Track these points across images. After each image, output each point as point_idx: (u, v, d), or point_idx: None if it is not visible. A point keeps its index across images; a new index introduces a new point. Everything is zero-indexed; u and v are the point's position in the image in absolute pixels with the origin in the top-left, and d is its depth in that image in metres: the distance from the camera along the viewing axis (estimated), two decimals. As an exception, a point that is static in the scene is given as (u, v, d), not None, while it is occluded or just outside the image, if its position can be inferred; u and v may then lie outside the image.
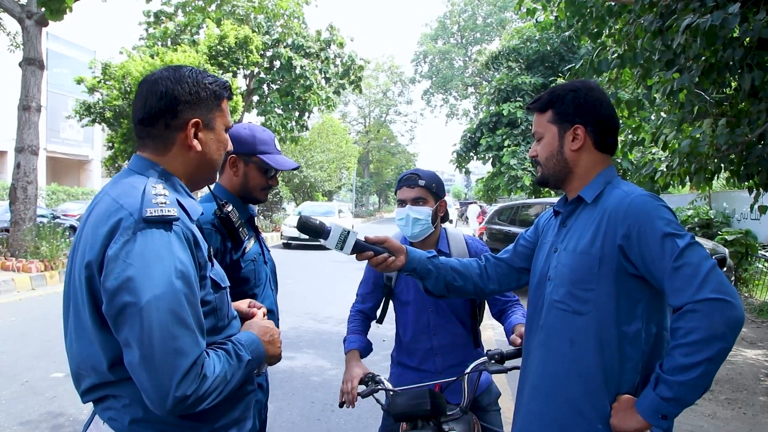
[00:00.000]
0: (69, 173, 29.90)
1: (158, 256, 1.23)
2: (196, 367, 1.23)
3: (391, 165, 59.99)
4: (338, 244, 1.74)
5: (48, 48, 22.76)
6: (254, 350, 1.43)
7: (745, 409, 4.72)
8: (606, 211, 1.59)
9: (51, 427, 4.15)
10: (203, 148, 1.45)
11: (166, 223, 1.27)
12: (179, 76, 1.43)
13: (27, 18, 11.13)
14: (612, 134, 1.71)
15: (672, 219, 1.51)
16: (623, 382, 1.55)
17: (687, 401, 1.44)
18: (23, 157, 10.99)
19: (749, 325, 7.82)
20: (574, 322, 1.61)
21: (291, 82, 20.39)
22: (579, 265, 1.61)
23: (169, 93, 1.40)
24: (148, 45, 20.29)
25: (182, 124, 1.42)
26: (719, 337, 1.37)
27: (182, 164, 1.45)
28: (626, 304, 1.55)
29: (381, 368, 5.60)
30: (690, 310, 1.40)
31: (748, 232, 10.28)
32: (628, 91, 7.16)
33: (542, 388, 1.69)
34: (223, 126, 1.51)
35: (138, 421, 1.32)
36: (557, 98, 1.71)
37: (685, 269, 1.43)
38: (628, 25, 5.53)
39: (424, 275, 1.88)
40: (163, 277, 1.22)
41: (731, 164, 5.29)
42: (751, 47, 4.25)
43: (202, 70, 1.49)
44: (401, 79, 58.94)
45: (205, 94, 1.45)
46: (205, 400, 1.26)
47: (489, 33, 48.95)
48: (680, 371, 1.40)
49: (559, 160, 1.71)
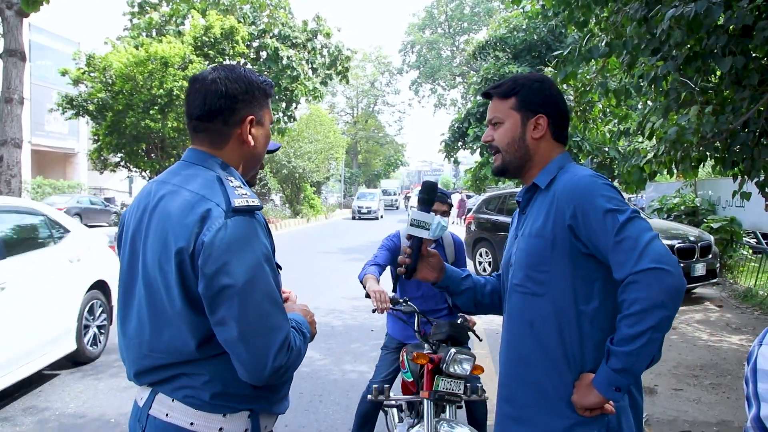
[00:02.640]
0: (55, 166, 29.60)
1: (249, 242, 1.37)
2: (287, 340, 1.40)
3: (380, 155, 59.92)
4: (433, 226, 1.81)
5: (31, 40, 22.48)
6: (307, 328, 1.57)
7: (729, 394, 4.78)
8: (556, 194, 1.63)
9: (36, 422, 4.13)
10: (255, 143, 1.57)
11: (251, 212, 1.41)
12: (236, 76, 1.53)
13: (7, 8, 10.95)
14: (566, 128, 1.79)
15: (614, 196, 1.55)
16: (586, 361, 1.59)
17: (636, 371, 1.49)
18: (6, 150, 10.85)
19: (733, 311, 7.91)
20: (534, 304, 1.65)
21: (278, 73, 20.23)
22: (534, 248, 1.65)
23: (229, 92, 1.50)
24: (133, 36, 20.07)
25: (239, 121, 1.53)
26: (660, 305, 1.42)
27: (237, 157, 1.57)
28: (582, 283, 1.59)
29: (370, 357, 5.63)
30: (631, 281, 1.45)
31: (733, 220, 10.37)
32: (615, 80, 7.16)
33: (508, 373, 1.74)
34: (269, 122, 1.63)
35: (218, 395, 1.43)
36: (522, 87, 1.73)
37: (625, 242, 1.47)
38: (614, 14, 5.52)
39: (455, 293, 1.94)
40: (255, 261, 1.36)
41: (716, 152, 5.32)
42: (735, 34, 4.27)
43: (252, 70, 1.61)
44: (389, 69, 58.76)
45: (258, 92, 1.55)
46: (290, 370, 1.43)
47: (476, 22, 48.88)
48: (627, 342, 1.45)
49: (521, 147, 1.73)
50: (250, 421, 1.48)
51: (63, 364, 5.32)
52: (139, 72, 15.34)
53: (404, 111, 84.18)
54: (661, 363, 5.55)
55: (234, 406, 1.45)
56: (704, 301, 8.56)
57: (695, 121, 4.87)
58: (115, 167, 18.12)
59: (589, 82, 6.96)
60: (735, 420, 4.23)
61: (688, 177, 5.90)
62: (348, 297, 8.46)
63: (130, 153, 16.74)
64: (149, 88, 15.34)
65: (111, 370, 5.15)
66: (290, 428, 4.10)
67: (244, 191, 1.43)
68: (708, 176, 13.27)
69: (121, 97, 15.59)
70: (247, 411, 1.47)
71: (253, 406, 1.49)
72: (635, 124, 6.68)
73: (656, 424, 4.16)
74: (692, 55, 4.69)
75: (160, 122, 15.38)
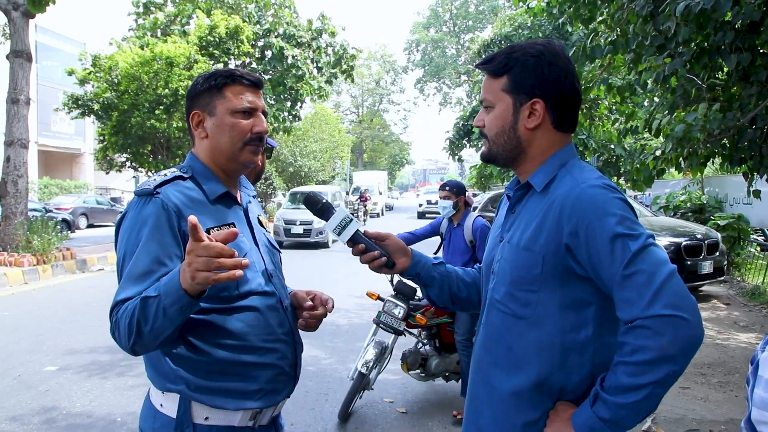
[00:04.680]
0: (61, 166, 29.73)
1: (133, 219, 1.50)
2: (114, 313, 1.42)
3: (385, 154, 59.92)
4: (337, 228, 1.66)
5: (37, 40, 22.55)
6: (164, 284, 1.34)
7: (736, 392, 4.75)
8: (554, 203, 1.36)
9: (44, 421, 4.14)
10: (210, 135, 1.61)
11: (145, 194, 1.50)
12: (196, 80, 1.65)
13: (13, 9, 11.00)
14: (574, 110, 1.46)
15: (626, 215, 1.29)
16: (567, 393, 1.37)
17: (625, 425, 1.27)
18: (13, 150, 10.91)
19: (741, 309, 7.86)
20: (514, 327, 1.42)
21: (283, 72, 20.24)
22: (521, 263, 1.40)
23: (186, 96, 1.68)
24: (138, 36, 20.11)
25: (190, 119, 1.64)
26: (669, 359, 1.19)
27: (203, 152, 1.64)
28: (574, 308, 1.36)
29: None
30: (640, 326, 1.21)
31: (740, 217, 10.32)
32: (620, 77, 7.13)
33: (478, 394, 1.53)
34: (226, 110, 1.59)
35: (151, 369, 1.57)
36: (516, 63, 1.43)
37: (636, 277, 1.23)
38: (620, 10, 5.50)
39: (428, 282, 1.70)
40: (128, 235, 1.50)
41: (724, 149, 5.29)
42: (742, 30, 4.24)
43: (213, 69, 1.69)
44: (394, 68, 58.76)
45: (204, 86, 1.61)
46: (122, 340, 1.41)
47: (481, 20, 48.81)
48: (621, 392, 1.23)
49: (511, 138, 1.45)
50: (180, 404, 1.49)
51: (68, 364, 5.34)
52: (144, 72, 15.36)
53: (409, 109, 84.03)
54: (669, 361, 5.53)
55: (164, 384, 1.51)
56: (712, 299, 8.51)
57: (702, 118, 4.85)
58: (120, 167, 18.16)
59: (594, 79, 6.94)
60: (743, 419, 4.20)
61: (694, 174, 5.85)
62: (354, 295, 8.45)
63: (135, 153, 16.76)
64: (154, 88, 15.36)
65: (117, 369, 5.16)
66: (296, 427, 4.10)
67: (155, 178, 1.54)
68: (715, 173, 13.20)
69: (126, 96, 15.62)
70: (176, 393, 1.49)
71: (176, 388, 1.49)
72: (642, 122, 6.65)
73: (664, 422, 4.14)
74: (699, 52, 4.67)
75: (166, 122, 15.40)
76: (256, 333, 1.54)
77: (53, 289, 9.32)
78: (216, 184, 1.60)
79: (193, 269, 1.25)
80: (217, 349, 1.50)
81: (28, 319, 7.04)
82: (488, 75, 1.49)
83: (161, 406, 1.52)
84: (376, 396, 4.70)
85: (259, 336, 1.55)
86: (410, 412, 4.45)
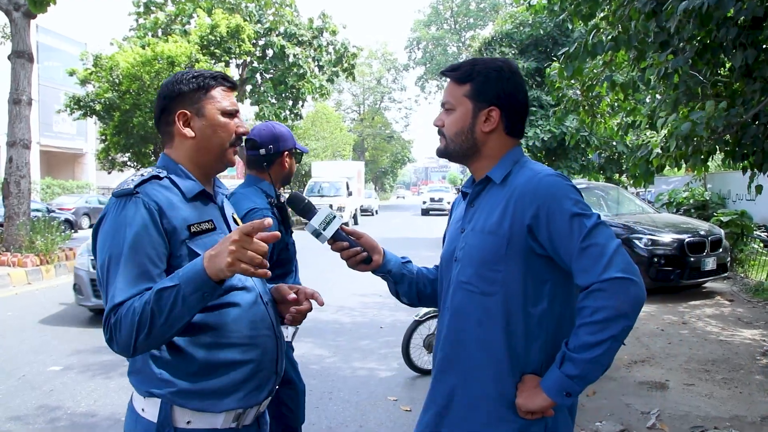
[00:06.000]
0: (63, 167, 29.77)
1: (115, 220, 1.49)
2: (114, 311, 1.40)
3: (387, 152, 59.86)
4: (322, 224, 1.71)
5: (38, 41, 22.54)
6: (184, 273, 1.37)
7: (741, 389, 4.74)
8: (515, 191, 1.56)
9: (48, 421, 4.15)
10: (197, 134, 1.62)
11: (125, 195, 1.50)
12: (173, 79, 1.64)
13: (14, 10, 11.00)
14: (523, 120, 1.69)
15: (580, 199, 1.51)
16: (529, 363, 1.56)
17: (591, 378, 1.47)
18: (15, 151, 10.91)
19: (745, 305, 7.85)
20: (482, 303, 1.58)
21: (284, 71, 20.27)
22: (487, 246, 1.58)
23: (161, 96, 1.65)
24: (139, 36, 20.15)
25: (173, 119, 1.62)
26: (624, 315, 1.40)
27: (183, 152, 1.64)
28: (533, 284, 1.55)
29: (379, 355, 5.63)
30: (597, 289, 1.42)
31: (743, 213, 10.29)
32: (622, 74, 7.11)
33: (450, 371, 1.66)
34: (217, 111, 1.63)
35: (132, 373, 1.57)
36: (479, 74, 1.63)
37: (592, 249, 1.44)
38: (622, 7, 5.48)
39: (398, 279, 1.85)
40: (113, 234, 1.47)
41: (726, 145, 5.28)
42: (745, 26, 4.23)
43: (193, 70, 1.69)
44: (395, 66, 58.67)
45: (188, 87, 1.62)
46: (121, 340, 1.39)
47: (482, 18, 48.71)
48: (586, 349, 1.42)
49: (468, 138, 1.65)
50: (162, 409, 1.48)
51: (73, 364, 5.35)
52: (145, 72, 15.37)
53: (411, 108, 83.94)
54: (673, 358, 5.52)
55: (145, 389, 1.50)
56: (715, 296, 8.50)
57: (707, 115, 4.84)
58: (122, 167, 18.19)
59: (596, 76, 6.92)
60: (748, 415, 4.20)
61: (699, 172, 5.85)
62: (357, 294, 8.46)
63: (137, 153, 16.80)
64: (156, 88, 15.37)
65: (121, 369, 5.17)
66: (300, 426, 4.10)
67: (133, 178, 1.54)
68: (717, 169, 13.17)
69: (128, 96, 15.64)
70: (158, 398, 1.49)
71: (159, 393, 1.48)
72: (644, 118, 6.63)
73: (668, 419, 4.13)
74: (702, 48, 4.65)
75: (168, 122, 15.45)
76: (237, 329, 1.55)
77: (56, 289, 9.33)
78: (192, 182, 1.61)
79: (235, 257, 1.32)
80: (199, 348, 1.51)
81: (32, 320, 7.04)
82: (453, 81, 1.67)
83: (143, 410, 1.52)
84: (380, 394, 4.70)
85: (241, 332, 1.56)
86: (415, 411, 4.45)
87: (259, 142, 2.53)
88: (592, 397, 4.56)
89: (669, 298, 8.17)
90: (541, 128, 17.91)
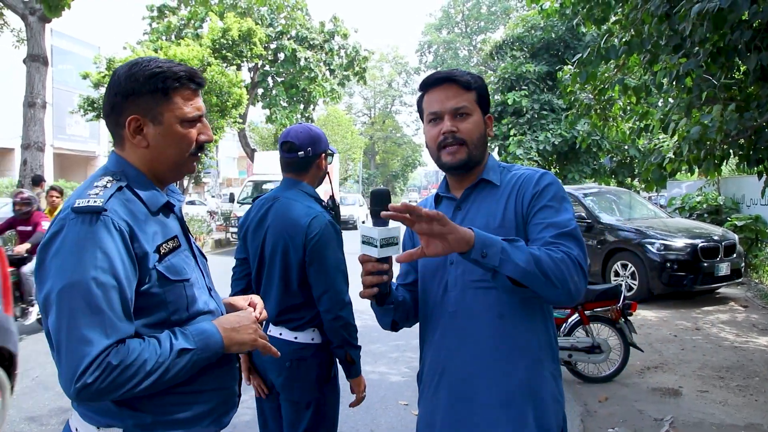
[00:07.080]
0: (76, 169, 29.99)
1: (77, 244, 1.25)
2: (102, 356, 1.21)
3: (398, 156, 59.85)
4: (383, 241, 1.47)
5: (53, 44, 22.78)
6: (201, 339, 1.34)
7: (756, 396, 4.69)
8: (516, 184, 1.63)
9: (61, 422, 4.17)
10: (151, 144, 1.41)
11: (92, 212, 1.27)
12: (134, 71, 1.38)
13: (30, 14, 11.14)
14: None
15: (567, 197, 1.62)
16: (551, 342, 1.62)
17: (513, 265, 1.36)
18: (29, 153, 11.04)
19: (760, 312, 7.76)
20: (501, 297, 1.55)
21: (295, 74, 20.36)
22: None
23: (113, 89, 1.39)
24: (152, 39, 20.30)
25: (123, 122, 1.39)
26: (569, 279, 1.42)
27: (137, 160, 1.43)
28: None
29: (390, 359, 5.62)
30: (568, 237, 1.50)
31: (758, 218, 10.19)
32: (635, 78, 7.08)
33: (480, 374, 1.57)
34: (177, 119, 1.40)
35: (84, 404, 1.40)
36: (475, 82, 1.66)
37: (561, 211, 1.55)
38: (635, 10, 5.45)
39: (397, 305, 1.70)
40: (78, 265, 1.23)
41: (740, 149, 5.23)
42: (760, 29, 4.19)
43: (156, 60, 1.41)
44: (406, 69, 58.71)
45: (145, 88, 1.37)
46: (115, 389, 1.24)
47: (493, 22, 48.63)
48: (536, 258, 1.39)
49: (483, 144, 1.67)
50: None
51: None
52: (158, 75, 15.49)
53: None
54: (686, 364, 5.47)
55: (101, 419, 1.36)
56: (729, 302, 8.41)
57: (718, 119, 4.79)
58: (135, 170, 18.33)
59: (608, 80, 6.89)
60: (764, 423, 4.14)
61: (712, 176, 5.80)
62: (367, 298, 8.46)
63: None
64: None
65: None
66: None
67: (96, 191, 1.31)
68: (731, 174, 13.05)
69: (140, 100, 15.76)
70: (118, 428, 1.35)
71: (120, 424, 1.35)
72: (657, 122, 6.59)
73: (682, 426, 4.09)
74: (716, 52, 4.61)
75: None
76: None
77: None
78: (154, 192, 1.43)
79: (260, 335, 1.44)
80: None
81: (45, 321, 7.09)
82: (459, 86, 1.63)
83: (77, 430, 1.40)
84: (391, 398, 4.69)
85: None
86: (425, 415, 4.44)
87: (297, 144, 2.45)
88: (604, 403, 4.53)
89: (682, 304, 8.09)
90: (552, 132, 17.85)
